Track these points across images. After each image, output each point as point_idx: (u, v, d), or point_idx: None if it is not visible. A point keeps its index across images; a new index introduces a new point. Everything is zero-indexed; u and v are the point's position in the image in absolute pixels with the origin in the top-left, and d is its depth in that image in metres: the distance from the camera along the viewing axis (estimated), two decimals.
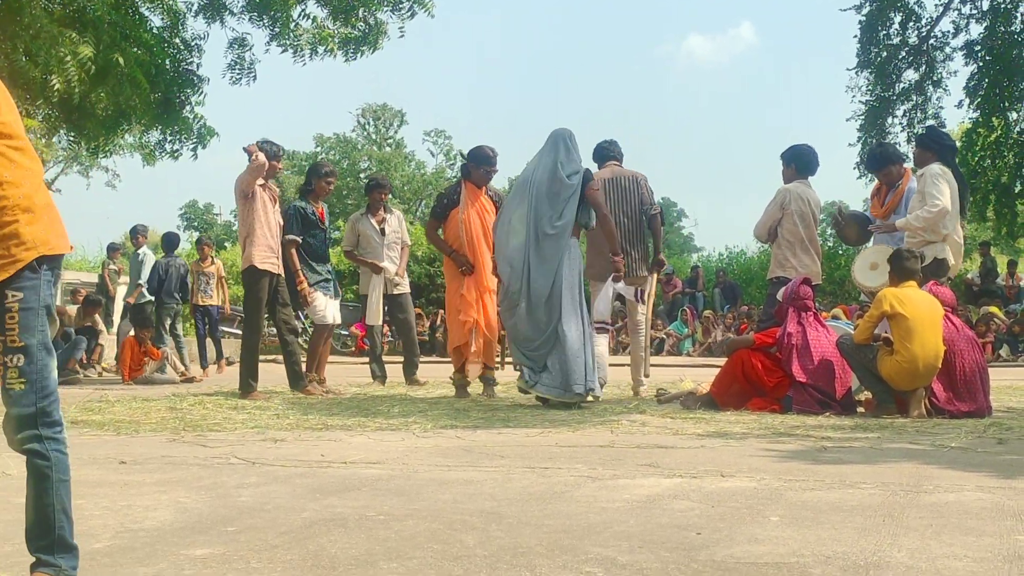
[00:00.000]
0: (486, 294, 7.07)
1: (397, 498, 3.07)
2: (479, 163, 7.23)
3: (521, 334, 6.36)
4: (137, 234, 12.24)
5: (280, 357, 8.17)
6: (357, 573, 2.17)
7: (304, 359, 7.86)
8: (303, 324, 12.66)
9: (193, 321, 12.30)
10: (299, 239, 7.63)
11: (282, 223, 7.51)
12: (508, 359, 7.37)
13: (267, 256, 7.27)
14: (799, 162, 6.94)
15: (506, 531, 2.58)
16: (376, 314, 8.64)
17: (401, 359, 9.05)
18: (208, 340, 11.69)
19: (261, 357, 7.77)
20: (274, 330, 8.18)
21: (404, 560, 2.28)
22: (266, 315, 7.72)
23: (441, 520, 2.71)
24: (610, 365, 7.38)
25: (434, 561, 2.27)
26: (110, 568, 2.20)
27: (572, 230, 6.38)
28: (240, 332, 11.32)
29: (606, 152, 7.52)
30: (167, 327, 11.04)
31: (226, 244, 32.84)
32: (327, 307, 7.80)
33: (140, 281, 11.36)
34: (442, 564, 2.25)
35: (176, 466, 3.75)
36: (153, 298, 11.19)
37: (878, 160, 7.02)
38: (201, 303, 11.73)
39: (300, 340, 9.28)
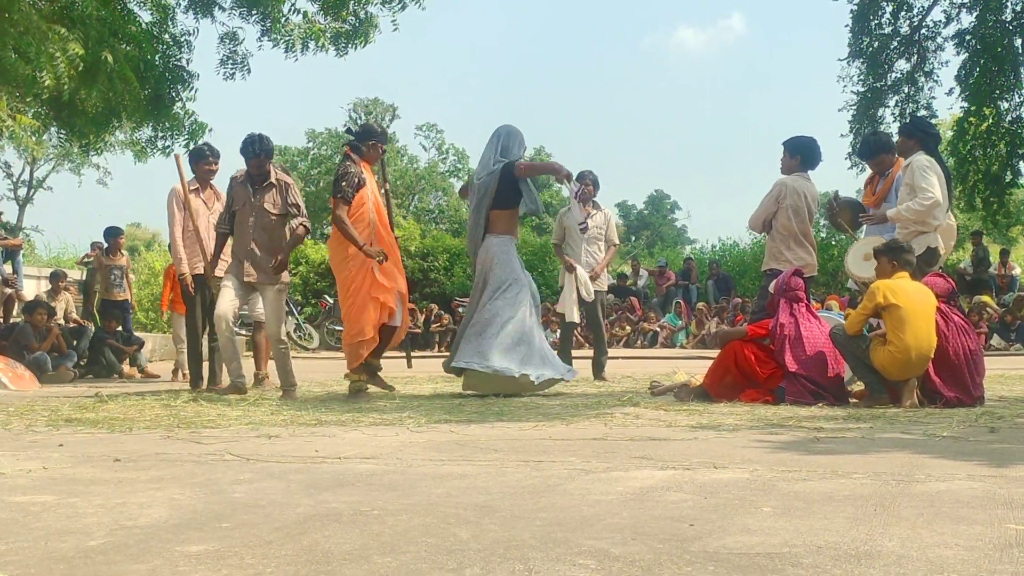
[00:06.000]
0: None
1: (391, 493, 3.07)
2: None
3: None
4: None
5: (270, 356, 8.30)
6: (351, 567, 2.18)
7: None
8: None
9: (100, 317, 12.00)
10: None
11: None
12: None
13: (196, 261, 7.84)
14: (805, 154, 6.94)
15: (499, 524, 2.58)
16: (570, 308, 8.78)
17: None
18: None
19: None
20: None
21: (398, 554, 2.28)
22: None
23: (435, 514, 2.72)
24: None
25: (428, 555, 2.28)
26: (104, 566, 2.20)
27: (491, 226, 7.01)
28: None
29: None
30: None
31: None
32: None
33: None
34: (436, 557, 2.25)
35: (170, 463, 3.75)
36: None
37: (871, 148, 7.03)
38: (118, 297, 11.72)
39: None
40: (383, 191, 7.28)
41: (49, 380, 9.81)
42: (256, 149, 6.93)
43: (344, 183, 6.80)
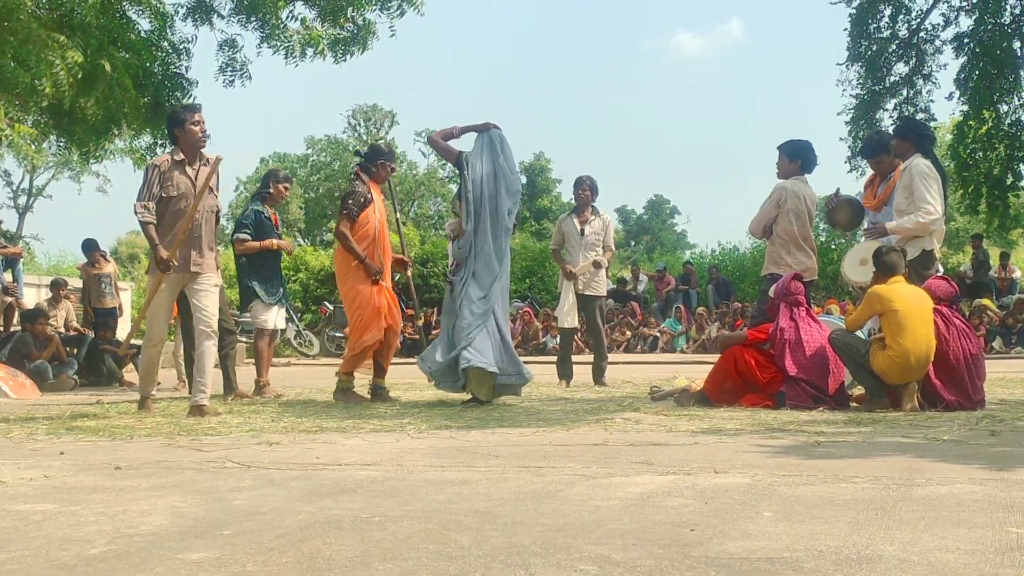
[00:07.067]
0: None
1: (392, 499, 3.07)
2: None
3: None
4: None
5: (276, 360, 8.32)
6: (353, 574, 2.18)
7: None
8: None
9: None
10: (248, 238, 7.98)
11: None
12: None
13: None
14: (804, 158, 6.94)
15: (500, 531, 2.59)
16: (566, 315, 8.82)
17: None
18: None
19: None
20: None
21: (399, 561, 2.29)
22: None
23: (436, 520, 2.72)
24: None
25: (429, 561, 2.28)
26: (106, 574, 2.20)
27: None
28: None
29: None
30: None
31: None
32: (269, 312, 8.11)
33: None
34: (437, 564, 2.25)
35: (171, 471, 3.75)
36: None
37: (875, 147, 6.97)
38: (109, 305, 11.73)
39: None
40: (397, 223, 7.54)
41: (50, 388, 9.80)
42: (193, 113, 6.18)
43: (351, 201, 7.16)
